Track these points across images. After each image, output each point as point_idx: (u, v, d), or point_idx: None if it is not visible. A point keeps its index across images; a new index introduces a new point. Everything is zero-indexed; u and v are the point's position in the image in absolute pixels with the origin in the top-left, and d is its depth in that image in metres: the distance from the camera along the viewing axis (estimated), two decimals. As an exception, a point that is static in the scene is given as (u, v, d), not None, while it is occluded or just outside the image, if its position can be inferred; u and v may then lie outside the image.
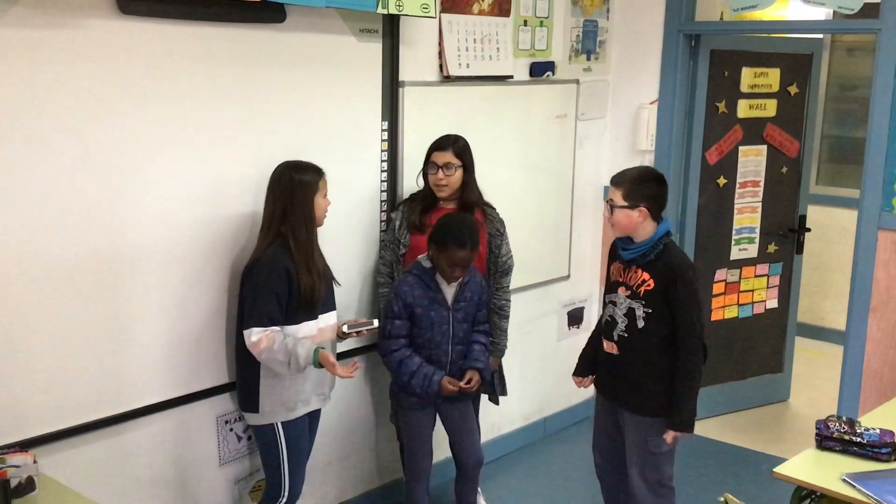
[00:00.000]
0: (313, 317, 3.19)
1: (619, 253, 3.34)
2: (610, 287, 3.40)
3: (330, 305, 3.28)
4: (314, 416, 3.37)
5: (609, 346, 3.36)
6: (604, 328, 3.41)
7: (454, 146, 3.66)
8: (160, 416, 3.17)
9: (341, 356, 3.67)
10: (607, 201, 3.28)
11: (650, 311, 3.22)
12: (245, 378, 3.19)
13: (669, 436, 3.24)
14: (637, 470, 3.36)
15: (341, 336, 3.35)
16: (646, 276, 3.23)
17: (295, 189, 3.10)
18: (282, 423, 3.18)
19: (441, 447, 3.86)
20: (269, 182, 3.15)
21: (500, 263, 3.79)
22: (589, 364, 3.56)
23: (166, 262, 3.08)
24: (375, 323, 3.41)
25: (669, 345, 3.24)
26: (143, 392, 3.09)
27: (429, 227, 3.61)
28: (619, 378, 3.37)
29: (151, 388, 3.12)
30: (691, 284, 3.22)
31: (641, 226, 3.23)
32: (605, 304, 3.46)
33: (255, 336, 3.00)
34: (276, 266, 3.05)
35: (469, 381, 3.49)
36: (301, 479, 3.28)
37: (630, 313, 3.27)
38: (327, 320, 3.26)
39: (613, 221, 3.27)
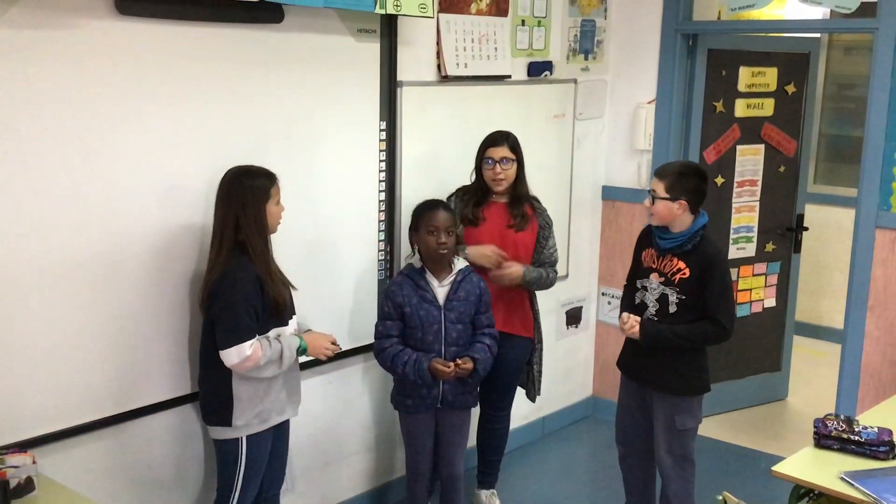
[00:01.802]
0: (284, 324, 3.10)
1: (656, 241, 3.47)
2: (642, 272, 3.53)
3: (292, 310, 3.17)
4: (283, 428, 3.24)
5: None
6: (635, 312, 3.52)
7: (508, 141, 3.75)
8: (159, 417, 3.17)
9: (338, 357, 3.67)
10: (650, 192, 3.43)
11: (683, 297, 3.39)
12: (215, 393, 3.06)
13: (629, 318, 3.43)
14: (664, 446, 3.53)
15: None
16: (681, 264, 3.39)
17: (246, 196, 2.94)
18: (247, 437, 3.07)
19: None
20: (219, 189, 2.99)
21: (545, 255, 3.85)
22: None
23: (168, 260, 3.08)
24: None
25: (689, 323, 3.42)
26: (142, 392, 3.09)
27: (482, 220, 3.72)
28: (646, 358, 3.50)
29: (151, 388, 3.11)
30: (725, 275, 3.43)
31: (680, 218, 3.39)
32: (633, 289, 3.58)
33: (250, 349, 2.90)
34: (247, 277, 2.93)
35: (461, 364, 3.40)
36: (252, 493, 3.15)
37: (662, 299, 3.43)
38: (293, 326, 3.17)
39: (654, 212, 3.42)
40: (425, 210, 3.47)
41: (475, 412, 4.04)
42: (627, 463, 3.78)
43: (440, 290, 3.48)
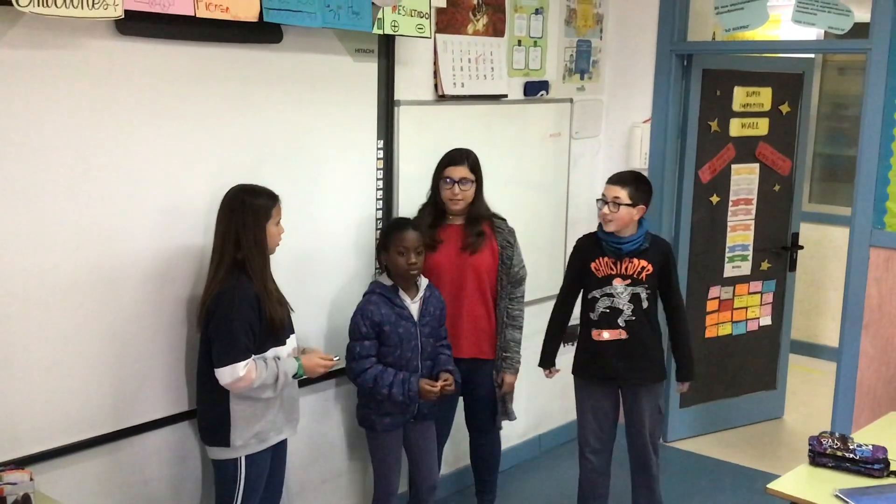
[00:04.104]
0: (281, 343, 3.10)
1: (612, 248, 3.67)
2: (600, 281, 3.70)
3: (290, 329, 3.18)
4: (281, 447, 3.24)
5: (614, 334, 3.70)
6: (600, 320, 3.71)
7: (468, 160, 3.71)
8: (157, 434, 3.17)
9: (335, 375, 3.68)
10: (613, 199, 3.60)
11: (650, 291, 3.68)
12: (213, 412, 3.05)
13: (685, 386, 3.88)
14: (649, 433, 3.80)
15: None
16: (643, 262, 3.66)
17: (247, 214, 2.95)
18: (246, 457, 3.06)
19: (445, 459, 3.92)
20: (221, 206, 3.01)
21: (511, 274, 3.82)
22: (553, 356, 3.98)
23: (166, 278, 3.10)
24: (335, 360, 3.27)
25: (657, 314, 3.76)
26: (139, 410, 3.10)
27: (439, 242, 3.69)
28: (630, 358, 3.71)
29: (148, 405, 3.12)
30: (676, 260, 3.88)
31: (634, 222, 3.65)
32: (590, 300, 3.74)
33: (243, 370, 2.90)
34: (245, 296, 2.94)
35: (447, 382, 3.47)
36: None
37: (635, 298, 3.66)
38: (291, 344, 3.17)
39: (615, 217, 3.61)
40: (394, 230, 3.47)
41: (464, 435, 4.06)
42: (600, 471, 3.90)
43: (413, 306, 3.50)
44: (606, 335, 3.70)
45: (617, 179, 3.67)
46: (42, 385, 2.82)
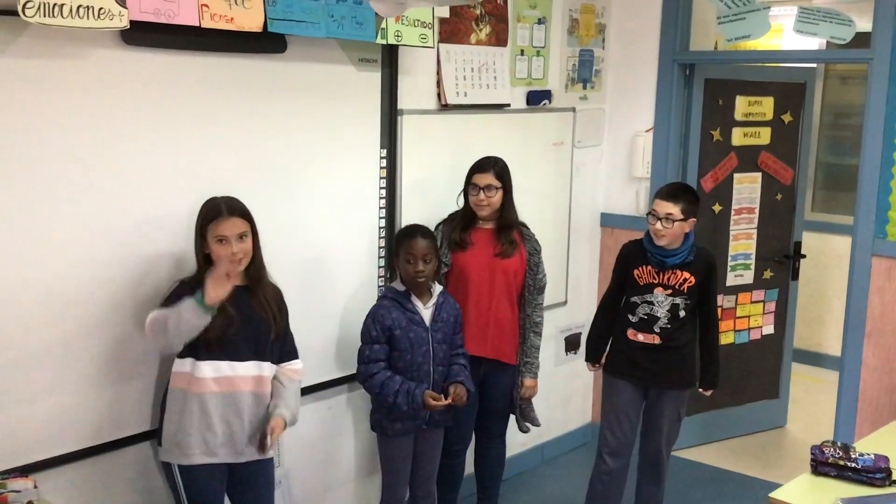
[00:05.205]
0: (218, 357, 2.90)
1: (656, 259, 3.72)
2: (642, 289, 3.76)
3: (252, 355, 2.97)
4: (258, 467, 3.07)
5: (648, 338, 3.75)
6: (639, 324, 3.77)
7: (495, 168, 3.77)
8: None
9: (321, 387, 3.66)
10: (657, 214, 3.64)
11: (689, 302, 3.72)
12: (160, 410, 3.02)
13: (710, 392, 3.89)
14: (665, 438, 3.87)
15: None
16: (686, 274, 3.71)
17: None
18: (179, 467, 2.92)
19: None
20: None
21: (537, 280, 3.89)
22: (601, 353, 3.97)
23: (164, 286, 3.09)
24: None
25: (695, 323, 3.80)
26: (143, 418, 3.10)
27: (470, 244, 3.77)
28: (660, 362, 3.76)
29: (148, 414, 3.12)
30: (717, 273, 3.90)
31: (682, 235, 3.69)
32: (631, 304, 3.79)
33: (148, 319, 2.78)
34: (177, 293, 2.84)
35: (457, 395, 3.46)
36: None
37: (673, 308, 3.72)
38: (246, 370, 2.95)
39: (668, 233, 3.64)
40: (403, 238, 3.51)
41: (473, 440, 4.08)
42: (614, 476, 3.89)
43: (425, 311, 3.52)
44: (641, 337, 3.76)
45: (667, 194, 3.68)
46: (46, 393, 2.83)
